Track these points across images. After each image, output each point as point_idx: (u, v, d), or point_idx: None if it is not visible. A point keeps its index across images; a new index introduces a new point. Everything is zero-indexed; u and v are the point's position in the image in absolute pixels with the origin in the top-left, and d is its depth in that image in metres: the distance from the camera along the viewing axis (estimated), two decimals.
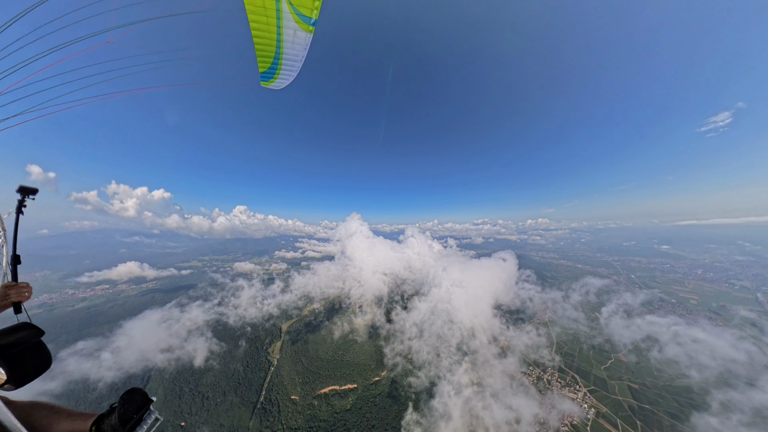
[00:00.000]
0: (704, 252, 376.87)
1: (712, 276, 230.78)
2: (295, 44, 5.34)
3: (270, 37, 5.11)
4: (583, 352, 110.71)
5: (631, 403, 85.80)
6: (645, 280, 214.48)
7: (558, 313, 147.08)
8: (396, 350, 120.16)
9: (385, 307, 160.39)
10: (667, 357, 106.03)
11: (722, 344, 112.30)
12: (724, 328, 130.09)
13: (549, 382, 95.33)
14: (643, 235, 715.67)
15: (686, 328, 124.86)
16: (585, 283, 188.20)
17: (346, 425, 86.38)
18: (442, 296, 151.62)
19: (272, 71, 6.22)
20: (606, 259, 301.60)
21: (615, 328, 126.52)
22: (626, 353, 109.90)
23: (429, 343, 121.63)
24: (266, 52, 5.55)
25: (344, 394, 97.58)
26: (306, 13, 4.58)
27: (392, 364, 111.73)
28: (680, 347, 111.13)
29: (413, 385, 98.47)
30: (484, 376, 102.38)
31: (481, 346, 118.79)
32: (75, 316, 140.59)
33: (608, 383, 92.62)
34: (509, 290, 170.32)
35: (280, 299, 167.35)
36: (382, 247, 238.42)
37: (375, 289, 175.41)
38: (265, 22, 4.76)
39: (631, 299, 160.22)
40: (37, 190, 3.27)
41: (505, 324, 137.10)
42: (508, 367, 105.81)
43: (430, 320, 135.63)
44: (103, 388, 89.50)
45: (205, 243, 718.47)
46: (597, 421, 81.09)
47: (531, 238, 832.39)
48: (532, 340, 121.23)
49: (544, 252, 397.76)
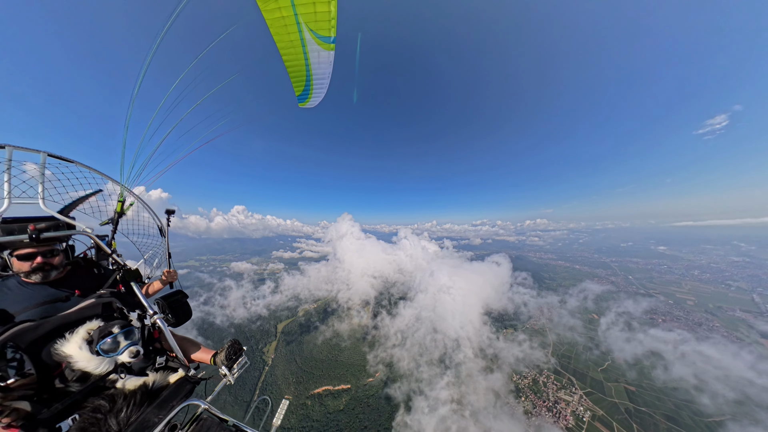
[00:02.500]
0: (701, 253, 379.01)
1: (709, 277, 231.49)
2: (321, 64, 6.04)
3: (300, 64, 6.05)
4: (580, 354, 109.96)
5: (628, 406, 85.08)
6: (642, 281, 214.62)
7: (554, 321, 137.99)
8: (379, 357, 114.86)
9: (372, 311, 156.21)
10: (674, 377, 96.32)
11: (739, 365, 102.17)
12: (741, 345, 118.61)
13: (545, 384, 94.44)
14: (640, 236, 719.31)
15: (696, 345, 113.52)
16: (583, 288, 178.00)
17: (339, 425, 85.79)
18: (427, 303, 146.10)
19: (306, 92, 7.13)
20: (604, 260, 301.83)
21: (615, 342, 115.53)
22: (627, 369, 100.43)
23: (411, 352, 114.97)
24: (299, 77, 6.57)
25: (337, 395, 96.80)
26: (324, 33, 5.15)
27: (373, 371, 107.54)
28: (688, 368, 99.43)
29: (391, 397, 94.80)
30: (466, 392, 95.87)
31: (465, 359, 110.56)
32: None
33: (605, 385, 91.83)
34: (502, 296, 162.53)
35: (269, 300, 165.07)
36: (373, 249, 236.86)
37: (362, 292, 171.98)
38: (294, 53, 5.70)
39: (632, 307, 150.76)
40: (175, 211, 5.07)
41: (495, 333, 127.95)
42: (494, 383, 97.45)
43: (413, 327, 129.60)
44: None
45: (203, 243, 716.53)
46: (593, 424, 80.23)
47: (529, 239, 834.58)
48: (523, 353, 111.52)
49: (542, 253, 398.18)
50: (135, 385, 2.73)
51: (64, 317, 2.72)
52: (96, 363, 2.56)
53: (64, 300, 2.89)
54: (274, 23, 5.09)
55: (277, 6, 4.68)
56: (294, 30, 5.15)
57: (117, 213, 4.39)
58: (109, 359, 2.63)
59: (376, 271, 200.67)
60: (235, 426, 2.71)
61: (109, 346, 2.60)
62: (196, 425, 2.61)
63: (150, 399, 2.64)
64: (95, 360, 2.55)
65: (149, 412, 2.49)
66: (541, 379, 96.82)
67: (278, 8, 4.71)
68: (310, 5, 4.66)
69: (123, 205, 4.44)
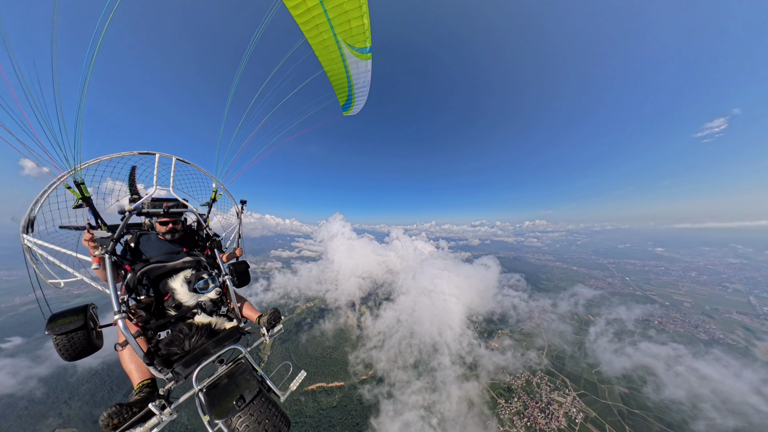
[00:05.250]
0: (698, 255, 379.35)
1: (706, 279, 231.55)
2: (360, 73, 6.51)
3: (342, 77, 6.66)
4: (572, 357, 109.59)
5: (621, 408, 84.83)
6: (639, 283, 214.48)
7: (543, 326, 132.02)
8: (360, 358, 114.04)
9: (358, 311, 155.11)
10: (666, 398, 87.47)
11: (742, 388, 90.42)
12: (744, 363, 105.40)
13: (538, 386, 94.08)
14: (638, 238, 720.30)
15: (692, 361, 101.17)
16: (575, 292, 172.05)
17: (332, 422, 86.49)
18: (407, 306, 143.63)
19: (349, 101, 7.73)
20: (601, 262, 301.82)
21: (603, 354, 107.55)
22: (615, 382, 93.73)
23: (388, 355, 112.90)
24: (342, 88, 7.18)
25: (331, 392, 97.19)
26: (360, 45, 5.50)
27: (353, 372, 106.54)
28: (682, 390, 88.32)
29: (363, 400, 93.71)
30: (438, 400, 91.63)
31: (440, 366, 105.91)
32: None
33: (598, 387, 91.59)
34: (488, 300, 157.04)
35: (261, 297, 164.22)
36: (363, 249, 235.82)
37: (348, 293, 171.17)
38: (336, 68, 6.30)
39: (625, 314, 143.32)
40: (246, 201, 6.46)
41: (478, 339, 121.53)
42: (470, 391, 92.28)
43: (392, 330, 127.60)
44: (82, 372, 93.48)
45: None
46: (585, 425, 80.00)
47: (528, 240, 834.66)
48: (506, 361, 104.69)
49: (540, 254, 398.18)
50: (204, 322, 3.96)
51: (175, 264, 4.37)
52: (187, 297, 4.08)
53: (177, 253, 4.55)
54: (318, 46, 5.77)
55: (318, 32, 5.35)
56: (334, 49, 5.74)
57: (212, 199, 6.06)
58: (194, 297, 4.13)
59: (364, 272, 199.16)
60: (261, 377, 3.73)
61: (202, 285, 4.19)
62: (234, 365, 3.66)
63: (211, 335, 3.77)
64: (188, 295, 4.09)
65: (209, 344, 3.60)
66: (534, 380, 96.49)
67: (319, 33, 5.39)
68: (345, 24, 5.10)
69: (215, 194, 6.11)
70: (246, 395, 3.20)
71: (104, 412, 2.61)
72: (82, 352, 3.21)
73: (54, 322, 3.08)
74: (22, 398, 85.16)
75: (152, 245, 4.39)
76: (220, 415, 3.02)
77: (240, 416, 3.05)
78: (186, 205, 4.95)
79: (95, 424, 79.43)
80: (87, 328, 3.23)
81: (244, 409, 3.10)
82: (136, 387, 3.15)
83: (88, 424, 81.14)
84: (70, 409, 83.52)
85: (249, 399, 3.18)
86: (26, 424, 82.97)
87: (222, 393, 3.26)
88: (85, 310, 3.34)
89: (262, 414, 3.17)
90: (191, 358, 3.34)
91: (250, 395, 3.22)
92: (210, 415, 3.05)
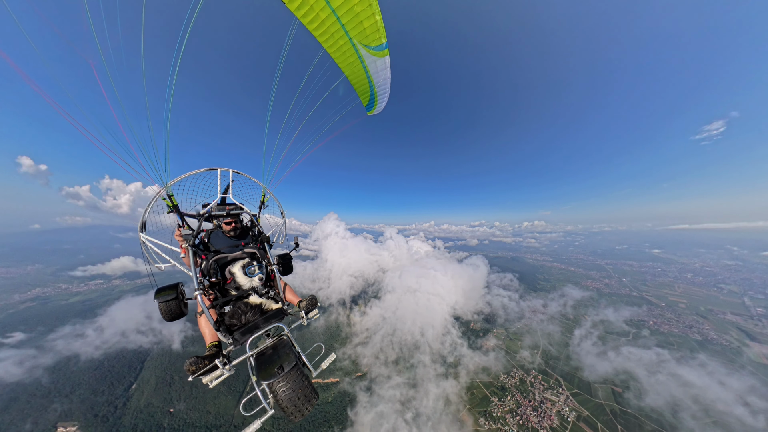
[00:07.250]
0: (694, 256, 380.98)
1: (701, 280, 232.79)
2: (379, 72, 6.51)
3: (362, 78, 6.72)
4: (569, 354, 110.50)
5: (614, 407, 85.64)
6: (636, 284, 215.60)
7: (530, 327, 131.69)
8: (347, 354, 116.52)
9: (348, 309, 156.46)
10: (648, 405, 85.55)
11: (728, 396, 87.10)
12: (731, 370, 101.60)
13: (532, 384, 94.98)
14: (636, 239, 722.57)
15: (675, 366, 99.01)
16: (564, 293, 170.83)
17: (326, 417, 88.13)
18: (392, 304, 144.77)
19: (372, 101, 7.87)
20: (598, 263, 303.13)
21: (586, 358, 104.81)
22: (598, 386, 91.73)
23: (371, 352, 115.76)
24: (364, 90, 7.31)
25: (326, 387, 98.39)
26: (376, 43, 5.50)
27: (338, 367, 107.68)
28: (662, 397, 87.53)
29: (343, 393, 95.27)
30: (414, 396, 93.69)
31: (419, 363, 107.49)
32: (70, 309, 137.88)
33: (592, 386, 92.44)
34: (476, 299, 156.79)
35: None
36: (357, 248, 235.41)
37: (340, 291, 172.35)
38: (356, 71, 6.38)
39: (612, 316, 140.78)
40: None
41: (461, 338, 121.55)
42: (448, 389, 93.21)
43: (377, 327, 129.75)
44: (83, 364, 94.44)
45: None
46: (577, 424, 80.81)
47: (526, 240, 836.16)
48: (489, 361, 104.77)
49: (538, 255, 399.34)
50: (256, 302, 4.95)
51: (235, 255, 5.46)
52: (245, 281, 5.09)
53: (236, 246, 5.62)
54: (336, 53, 5.91)
55: (334, 39, 5.51)
56: (352, 53, 5.85)
57: (261, 203, 7.07)
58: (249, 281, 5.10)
59: (356, 271, 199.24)
60: (298, 353, 4.40)
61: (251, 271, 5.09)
62: (278, 339, 4.49)
63: (261, 313, 4.75)
64: (245, 279, 5.08)
65: (259, 320, 4.58)
66: (528, 379, 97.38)
67: (335, 41, 5.54)
68: (359, 26, 5.20)
69: (264, 197, 7.11)
70: (285, 366, 3.94)
71: (188, 360, 3.82)
72: (175, 317, 4.67)
73: (159, 293, 4.54)
74: (30, 385, 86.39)
75: (219, 240, 5.55)
76: (265, 378, 3.83)
77: (279, 382, 3.84)
78: (242, 208, 6.10)
79: (96, 417, 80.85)
80: (178, 299, 4.61)
81: (282, 377, 3.85)
82: (208, 345, 4.37)
83: (89, 418, 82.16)
84: (70, 402, 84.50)
85: (287, 369, 3.91)
86: (33, 410, 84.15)
87: (267, 361, 4.06)
88: (177, 287, 4.72)
89: (297, 383, 3.91)
90: (246, 329, 4.35)
91: (288, 366, 3.95)
92: (257, 376, 3.92)
